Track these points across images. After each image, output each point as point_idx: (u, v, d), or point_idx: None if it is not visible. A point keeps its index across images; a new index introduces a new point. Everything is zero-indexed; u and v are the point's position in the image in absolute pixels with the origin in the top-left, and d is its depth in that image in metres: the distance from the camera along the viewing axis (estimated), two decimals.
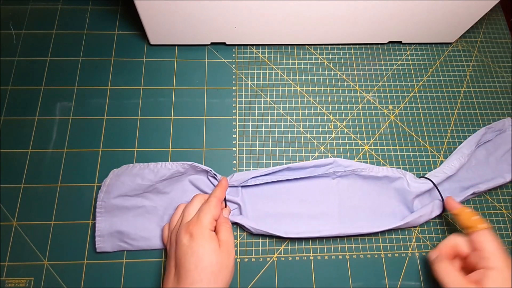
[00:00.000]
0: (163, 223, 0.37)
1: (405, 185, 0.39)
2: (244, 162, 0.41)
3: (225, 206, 0.36)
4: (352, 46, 0.48)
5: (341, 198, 0.39)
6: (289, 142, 0.42)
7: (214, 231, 0.32)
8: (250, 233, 0.38)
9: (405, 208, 0.39)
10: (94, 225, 0.37)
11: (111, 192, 0.35)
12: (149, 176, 0.35)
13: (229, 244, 0.31)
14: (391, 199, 0.39)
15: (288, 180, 0.38)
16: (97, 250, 0.36)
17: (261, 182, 0.37)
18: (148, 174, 0.35)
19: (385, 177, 0.39)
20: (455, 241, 0.34)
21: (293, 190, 0.38)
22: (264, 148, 0.42)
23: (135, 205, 0.36)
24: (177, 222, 0.33)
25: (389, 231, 0.39)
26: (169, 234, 0.34)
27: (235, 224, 0.37)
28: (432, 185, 0.38)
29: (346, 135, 0.43)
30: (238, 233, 0.38)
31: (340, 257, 0.38)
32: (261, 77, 0.45)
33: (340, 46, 0.48)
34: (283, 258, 0.38)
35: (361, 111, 0.45)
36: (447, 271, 0.31)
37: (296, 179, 0.38)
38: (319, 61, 0.47)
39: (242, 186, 0.38)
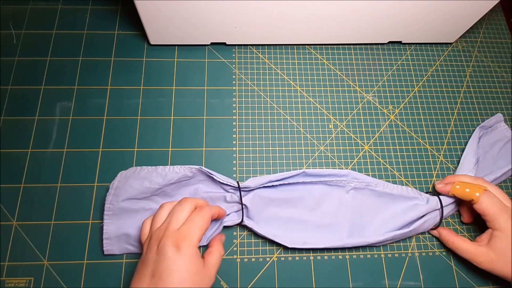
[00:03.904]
0: None
1: (419, 206, 0.37)
2: (244, 162, 0.41)
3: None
4: (352, 46, 0.48)
5: (354, 212, 0.38)
6: (289, 142, 0.42)
7: (205, 246, 0.32)
8: (256, 234, 0.38)
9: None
10: (94, 225, 0.37)
11: (120, 195, 0.35)
12: (157, 180, 0.35)
13: (214, 270, 0.31)
14: (404, 218, 0.37)
15: (303, 183, 0.37)
16: (105, 253, 0.36)
17: (277, 184, 0.37)
18: (156, 177, 0.35)
19: (399, 196, 0.38)
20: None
21: (306, 197, 0.37)
22: (264, 148, 0.42)
23: (142, 207, 0.36)
24: (162, 225, 0.31)
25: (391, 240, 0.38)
26: (149, 233, 0.31)
27: (239, 225, 0.37)
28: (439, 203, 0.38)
29: (346, 135, 0.43)
30: (238, 233, 0.38)
31: (340, 257, 0.38)
32: (261, 77, 0.45)
33: (340, 46, 0.48)
34: (283, 258, 0.38)
35: (361, 111, 0.45)
36: (459, 244, 0.36)
37: (311, 184, 0.37)
38: (319, 61, 0.47)
39: (257, 188, 0.37)
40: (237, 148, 0.42)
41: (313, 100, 0.45)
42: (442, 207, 0.37)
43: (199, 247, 0.36)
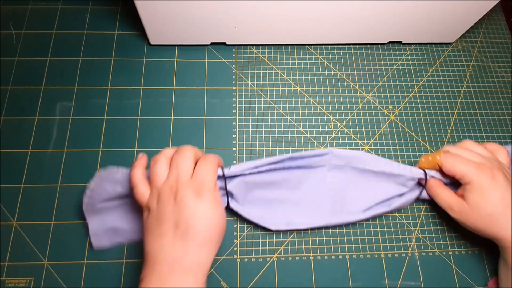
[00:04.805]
0: None
1: (403, 181, 0.38)
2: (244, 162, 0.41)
3: None
4: (352, 46, 0.48)
5: (336, 190, 0.38)
6: (289, 142, 0.42)
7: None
8: (242, 218, 0.38)
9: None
10: None
11: (95, 198, 0.35)
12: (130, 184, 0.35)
13: (222, 205, 0.33)
14: (387, 193, 0.38)
15: (289, 168, 0.37)
16: (95, 248, 0.36)
17: (263, 170, 0.36)
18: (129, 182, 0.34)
19: (382, 173, 0.38)
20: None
21: (289, 178, 0.37)
22: (264, 148, 0.42)
23: (121, 203, 0.36)
24: (170, 179, 0.30)
25: (380, 217, 0.39)
26: (153, 191, 0.31)
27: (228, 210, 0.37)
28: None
29: (346, 135, 0.43)
30: (238, 233, 0.38)
31: (340, 257, 0.38)
32: (261, 77, 0.45)
33: (340, 46, 0.48)
34: (283, 258, 0.38)
35: (361, 111, 0.45)
36: (440, 191, 0.37)
37: (295, 168, 0.37)
38: (319, 61, 0.47)
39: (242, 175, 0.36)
40: (237, 148, 0.42)
41: (313, 100, 0.45)
42: (426, 177, 0.37)
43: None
